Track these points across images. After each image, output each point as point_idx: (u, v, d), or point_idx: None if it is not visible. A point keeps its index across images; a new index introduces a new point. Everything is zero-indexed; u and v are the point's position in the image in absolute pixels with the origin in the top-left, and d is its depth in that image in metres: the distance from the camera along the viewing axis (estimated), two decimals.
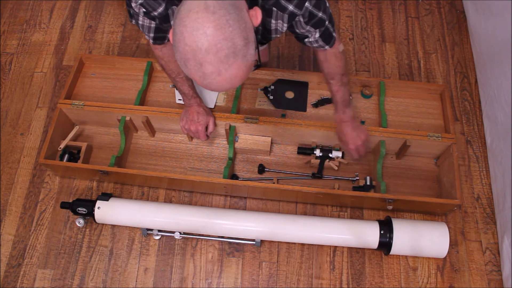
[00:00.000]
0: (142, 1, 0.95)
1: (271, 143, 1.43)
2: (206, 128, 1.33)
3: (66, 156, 1.40)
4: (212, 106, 1.46)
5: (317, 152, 1.38)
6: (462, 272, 1.31)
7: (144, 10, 0.98)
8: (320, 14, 0.97)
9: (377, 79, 1.47)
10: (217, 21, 0.74)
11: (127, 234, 1.37)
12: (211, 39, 0.74)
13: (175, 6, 0.95)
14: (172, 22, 0.97)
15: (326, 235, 1.26)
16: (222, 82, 0.79)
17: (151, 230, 1.32)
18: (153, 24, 1.04)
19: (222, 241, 1.35)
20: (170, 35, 0.83)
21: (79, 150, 1.42)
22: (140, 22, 1.05)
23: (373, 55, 1.67)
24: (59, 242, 1.37)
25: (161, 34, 1.09)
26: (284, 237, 1.28)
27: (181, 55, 0.77)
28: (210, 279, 1.32)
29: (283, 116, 1.43)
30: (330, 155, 1.38)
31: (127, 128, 1.44)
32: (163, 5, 0.94)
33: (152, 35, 1.08)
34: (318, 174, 1.38)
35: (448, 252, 1.26)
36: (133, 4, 0.98)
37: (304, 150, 1.41)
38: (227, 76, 0.78)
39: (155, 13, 0.97)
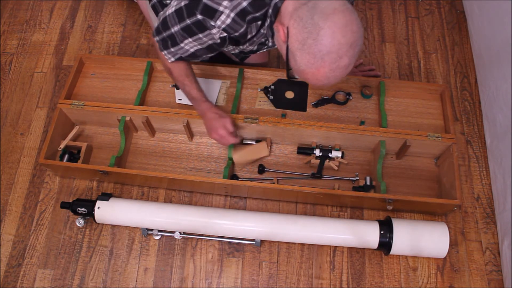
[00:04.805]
0: (225, 26, 1.01)
1: (271, 143, 1.44)
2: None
3: (66, 156, 1.40)
4: None
5: (317, 152, 1.38)
6: (462, 272, 1.31)
7: (223, 36, 1.04)
8: None
9: (377, 79, 1.47)
10: (357, 20, 0.87)
11: (127, 234, 1.38)
12: (355, 35, 0.86)
13: (254, 23, 1.03)
14: (250, 36, 1.08)
15: (326, 235, 1.26)
16: (341, 76, 0.91)
17: (151, 230, 1.32)
18: (193, 49, 1.11)
19: (222, 241, 1.35)
20: (280, 32, 0.94)
21: (79, 150, 1.43)
22: (182, 45, 1.10)
23: (373, 55, 1.67)
24: (59, 242, 1.37)
25: (188, 59, 1.16)
26: (284, 237, 1.28)
27: (323, 48, 0.86)
28: (210, 279, 1.32)
29: (283, 116, 1.43)
30: (330, 155, 1.38)
31: (127, 128, 1.44)
32: (244, 26, 1.02)
33: (182, 56, 1.14)
34: (317, 174, 1.38)
35: (448, 252, 1.26)
36: (214, 31, 1.02)
37: (304, 150, 1.41)
38: (348, 70, 0.90)
39: (236, 34, 1.04)
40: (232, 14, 0.99)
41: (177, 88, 1.48)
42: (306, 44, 0.88)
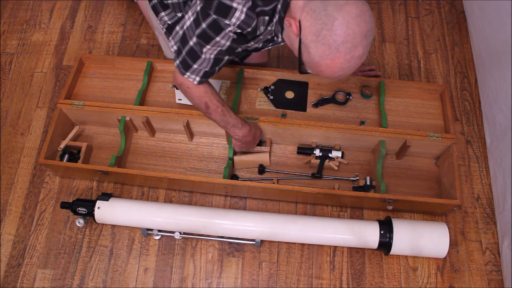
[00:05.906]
0: (240, 22, 1.00)
1: (271, 143, 1.44)
2: None
3: (66, 156, 1.40)
4: None
5: (317, 152, 1.38)
6: (462, 272, 1.31)
7: (237, 32, 1.03)
8: None
9: (377, 79, 1.48)
10: (369, 11, 0.89)
11: (127, 234, 1.38)
12: (369, 25, 0.88)
13: (262, 19, 1.03)
14: (259, 32, 1.07)
15: (326, 235, 1.26)
16: (355, 66, 0.92)
17: (151, 230, 1.32)
18: (213, 55, 1.09)
19: (222, 241, 1.35)
20: (293, 26, 0.94)
21: (79, 150, 1.43)
22: (203, 56, 1.09)
23: (373, 55, 1.67)
24: (59, 242, 1.37)
25: (213, 69, 1.14)
26: (284, 237, 1.28)
27: (338, 38, 0.87)
28: (210, 279, 1.32)
29: (283, 116, 1.43)
30: (330, 155, 1.38)
31: (127, 128, 1.44)
32: (255, 19, 1.02)
33: (207, 69, 1.12)
34: (317, 174, 1.38)
35: (448, 252, 1.26)
36: (228, 29, 1.02)
37: (304, 150, 1.41)
38: (362, 60, 0.92)
39: (249, 29, 1.03)
40: (245, 9, 0.99)
41: (177, 88, 1.48)
42: (320, 35, 0.89)
